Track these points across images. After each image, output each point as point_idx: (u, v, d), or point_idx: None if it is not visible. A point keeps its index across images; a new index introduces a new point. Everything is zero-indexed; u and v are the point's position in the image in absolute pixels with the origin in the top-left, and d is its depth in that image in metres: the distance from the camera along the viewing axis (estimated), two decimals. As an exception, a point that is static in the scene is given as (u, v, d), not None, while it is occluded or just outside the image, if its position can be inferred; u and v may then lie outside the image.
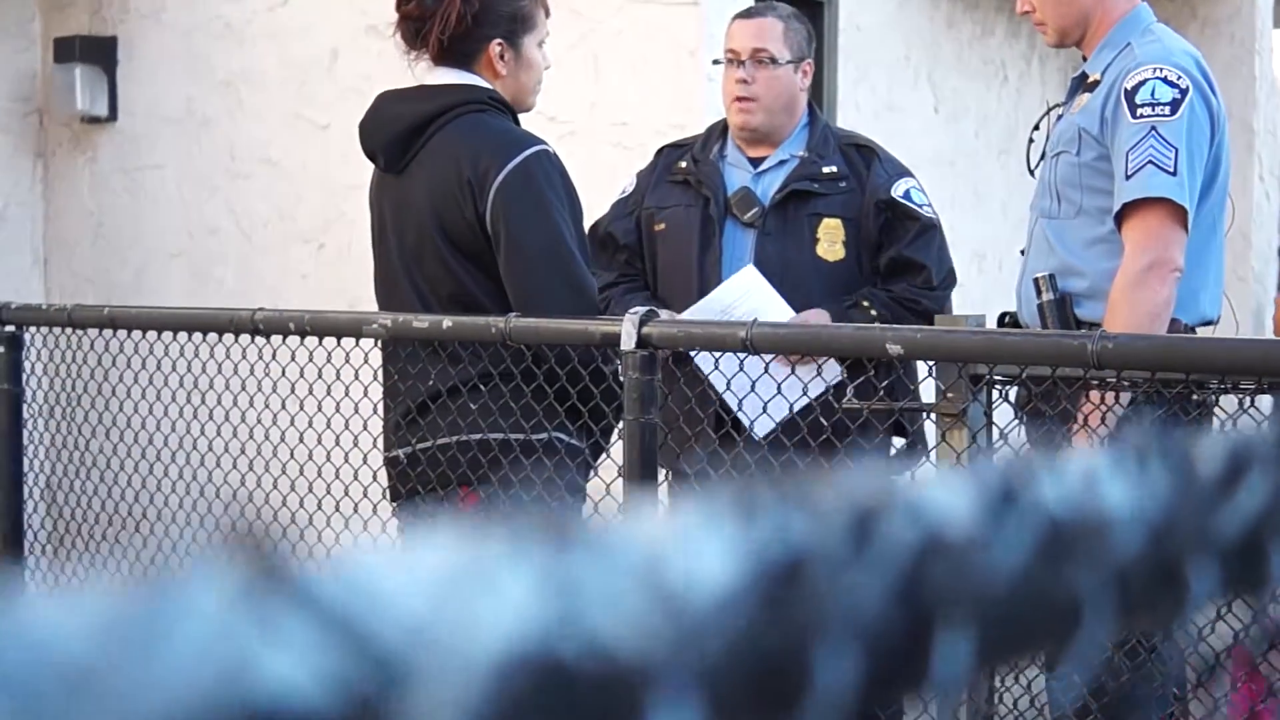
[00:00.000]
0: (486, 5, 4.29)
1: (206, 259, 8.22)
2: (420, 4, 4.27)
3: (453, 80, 4.30)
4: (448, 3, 4.24)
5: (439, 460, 4.17)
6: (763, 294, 4.79)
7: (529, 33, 4.36)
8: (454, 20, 4.24)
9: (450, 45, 4.27)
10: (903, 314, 4.93)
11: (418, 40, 4.30)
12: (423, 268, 4.24)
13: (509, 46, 4.32)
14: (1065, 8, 4.54)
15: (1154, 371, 2.99)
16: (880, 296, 4.95)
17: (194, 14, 8.23)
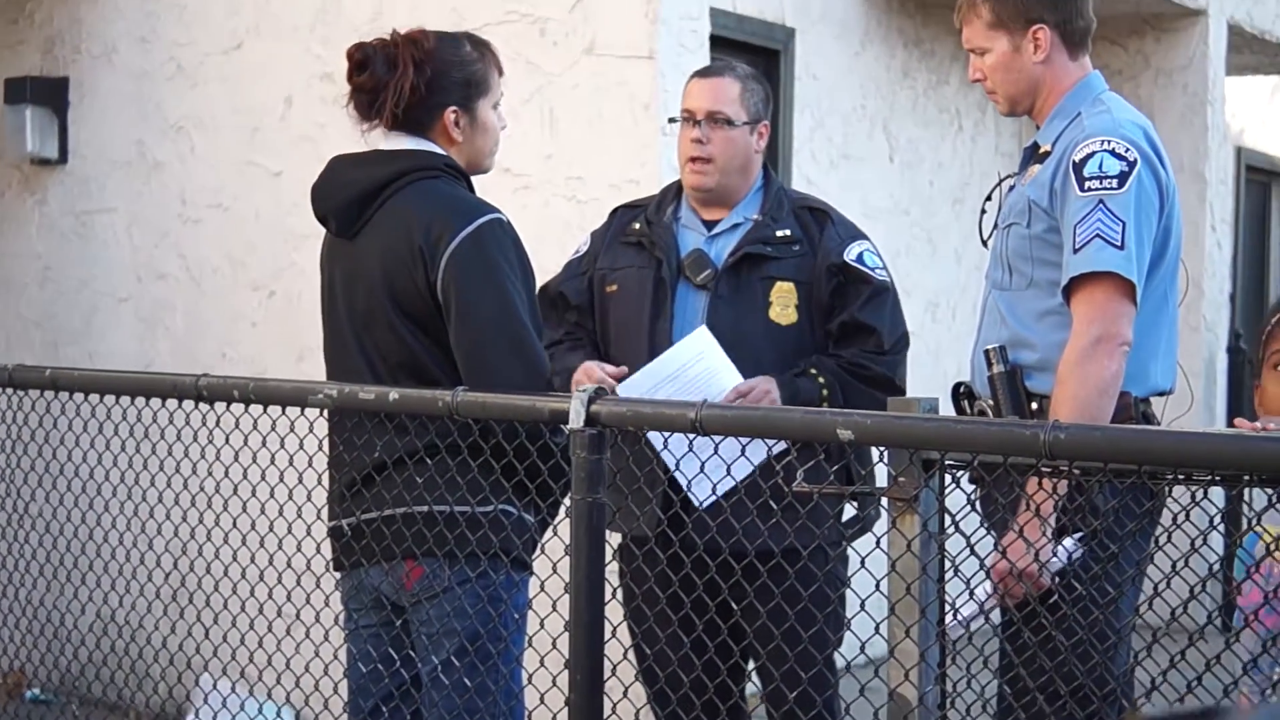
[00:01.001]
0: (439, 73, 4.24)
1: (155, 305, 8.15)
2: (373, 75, 4.22)
3: (407, 146, 4.26)
4: (400, 74, 4.20)
5: (384, 532, 4.12)
6: (714, 357, 4.76)
7: (483, 96, 4.33)
8: (407, 90, 4.20)
9: (405, 115, 4.23)
10: (851, 381, 4.91)
11: (372, 111, 4.26)
12: (372, 333, 4.19)
13: (464, 113, 4.29)
14: (1015, 77, 4.52)
15: (1106, 462, 2.95)
16: (828, 364, 4.92)
17: (146, 56, 8.17)
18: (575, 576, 3.54)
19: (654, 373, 4.74)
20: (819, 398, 4.85)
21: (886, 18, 9.39)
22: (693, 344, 4.79)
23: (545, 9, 6.89)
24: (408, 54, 4.22)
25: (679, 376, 4.71)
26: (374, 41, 4.27)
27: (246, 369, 7.70)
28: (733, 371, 4.77)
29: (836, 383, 4.89)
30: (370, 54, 4.24)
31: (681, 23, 6.70)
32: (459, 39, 4.36)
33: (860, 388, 4.90)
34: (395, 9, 7.27)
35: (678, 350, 4.78)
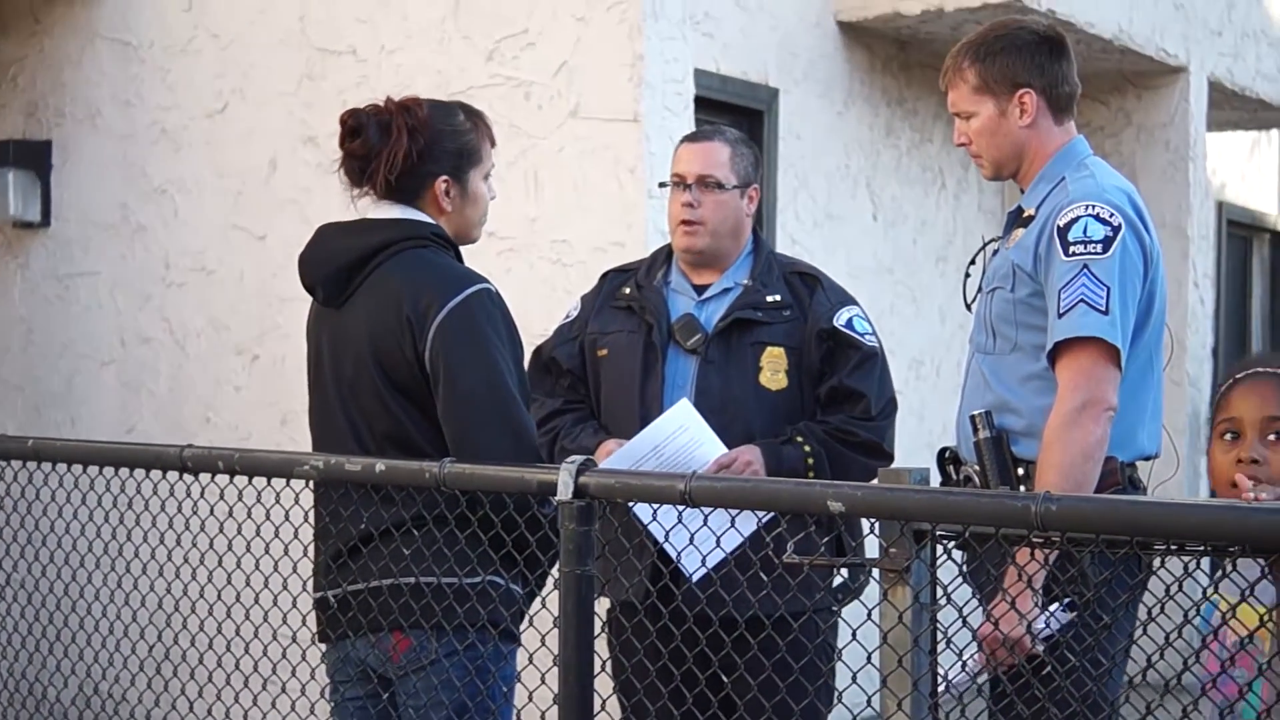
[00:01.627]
0: (432, 142, 4.23)
1: (138, 368, 8.12)
2: (365, 142, 4.20)
3: (395, 215, 4.24)
4: (394, 141, 4.18)
5: (370, 604, 4.08)
6: (697, 429, 4.74)
7: (475, 167, 4.31)
8: (400, 159, 4.18)
9: (396, 183, 4.21)
10: (838, 447, 4.89)
11: (363, 178, 4.24)
12: (359, 403, 4.16)
13: (455, 183, 4.27)
14: (1000, 141, 4.52)
15: (1098, 534, 2.93)
16: (815, 431, 4.90)
17: (130, 120, 8.16)
18: (564, 649, 3.51)
19: (636, 449, 4.72)
20: (804, 465, 4.84)
21: (869, 77, 9.42)
22: (674, 417, 4.77)
23: (530, 73, 6.90)
24: (401, 121, 4.20)
25: (662, 450, 4.70)
26: (367, 108, 4.25)
27: (230, 433, 7.67)
28: (716, 442, 4.75)
29: (823, 449, 4.88)
30: (363, 120, 4.23)
31: (666, 85, 6.71)
32: (453, 108, 4.35)
33: (848, 454, 4.89)
34: (380, 73, 7.27)
35: (660, 424, 4.76)
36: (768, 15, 8.67)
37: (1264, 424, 3.50)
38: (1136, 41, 9.89)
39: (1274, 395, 3.53)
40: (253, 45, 7.77)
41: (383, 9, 7.36)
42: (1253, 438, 3.50)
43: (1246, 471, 3.48)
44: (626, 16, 6.67)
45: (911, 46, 9.62)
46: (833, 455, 4.88)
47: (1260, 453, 3.49)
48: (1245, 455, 3.50)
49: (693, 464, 4.64)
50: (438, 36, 7.17)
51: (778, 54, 8.76)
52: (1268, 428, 3.50)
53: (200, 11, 7.96)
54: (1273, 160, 14.53)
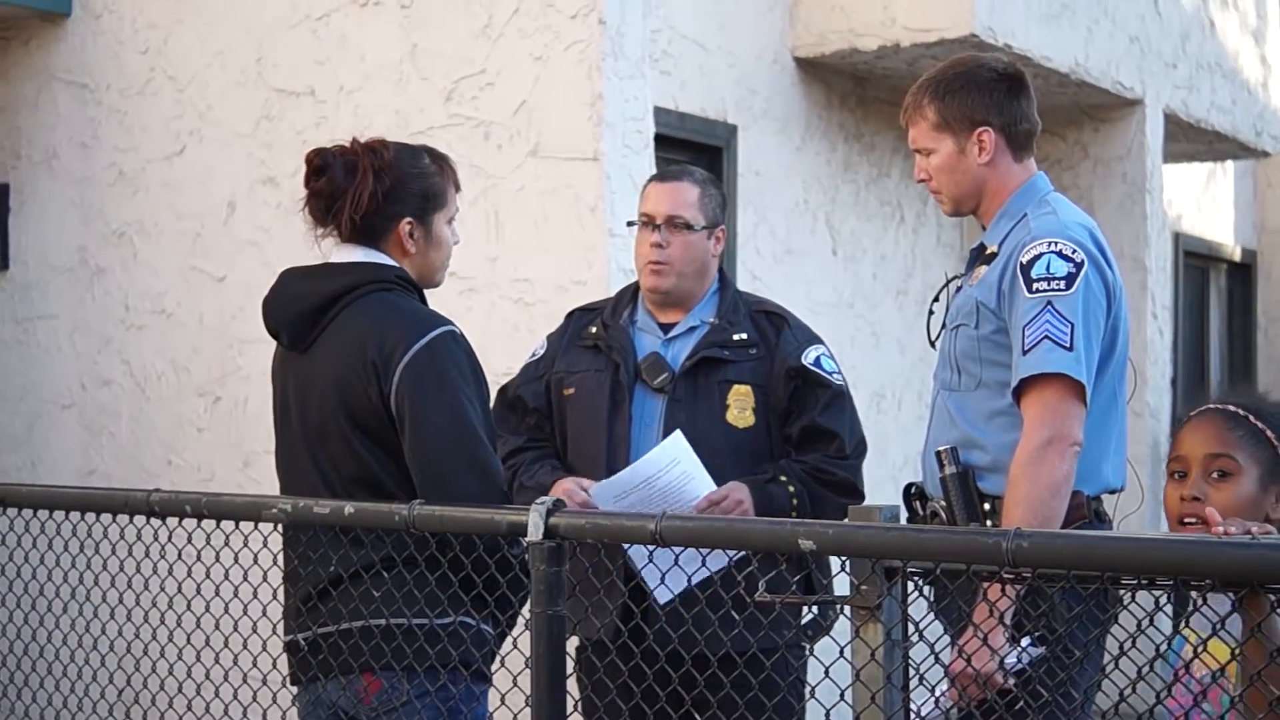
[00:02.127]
0: (398, 184, 4.23)
1: (99, 412, 8.09)
2: (331, 181, 4.21)
3: (358, 258, 4.24)
4: (360, 182, 4.19)
5: (340, 646, 4.08)
6: (688, 463, 4.76)
7: (439, 210, 4.32)
8: (366, 199, 4.18)
9: (361, 223, 4.22)
10: (816, 487, 4.91)
11: (328, 218, 4.24)
12: (326, 446, 4.16)
13: (419, 224, 4.27)
14: (959, 178, 4.54)
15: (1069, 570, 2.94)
16: (795, 470, 4.92)
17: (88, 162, 8.14)
18: (536, 689, 3.51)
19: (627, 479, 4.73)
20: (789, 505, 4.86)
21: (827, 113, 9.46)
22: (668, 450, 4.78)
23: (489, 112, 6.90)
24: (367, 162, 4.21)
25: (653, 482, 4.71)
26: (333, 148, 4.26)
27: (193, 475, 7.65)
28: (706, 478, 4.76)
29: (804, 489, 4.90)
30: (329, 160, 4.23)
31: (626, 124, 6.72)
32: (419, 151, 4.36)
33: (824, 493, 4.91)
34: (339, 114, 7.27)
35: (654, 457, 4.77)
36: (725, 53, 8.70)
37: (1206, 461, 3.54)
38: (1092, 75, 9.95)
39: (1216, 433, 3.57)
40: (210, 86, 7.76)
41: (340, 50, 7.36)
42: (1196, 475, 3.54)
43: (1189, 510, 3.52)
44: (585, 56, 6.69)
45: (868, 82, 9.66)
46: (812, 494, 4.91)
47: (1201, 490, 3.53)
48: (1188, 493, 3.53)
49: (683, 498, 4.67)
50: (396, 77, 7.17)
51: (735, 91, 8.79)
52: (1209, 465, 3.54)
53: (157, 54, 7.94)
54: (1228, 191, 14.64)
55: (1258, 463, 3.54)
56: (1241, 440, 3.55)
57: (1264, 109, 12.38)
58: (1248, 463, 3.53)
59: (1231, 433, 3.57)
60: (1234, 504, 3.50)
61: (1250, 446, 3.54)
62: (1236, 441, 3.55)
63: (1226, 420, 3.59)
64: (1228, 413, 3.61)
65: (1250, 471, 3.53)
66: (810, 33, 9.09)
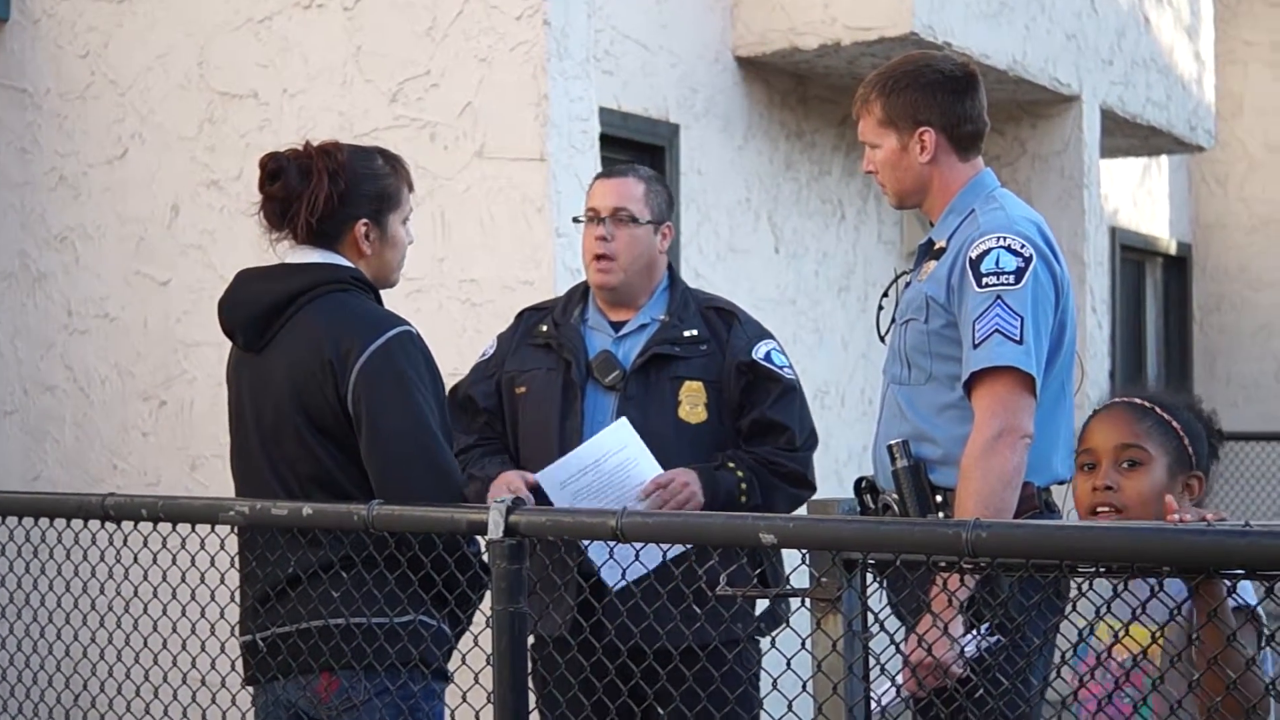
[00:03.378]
0: (352, 185, 4.24)
1: (42, 417, 8.05)
2: (286, 185, 4.21)
3: (314, 259, 4.24)
4: (315, 184, 4.19)
5: (300, 646, 4.08)
6: (634, 449, 4.78)
7: (393, 211, 4.33)
8: (321, 202, 4.19)
9: (317, 226, 4.22)
10: (767, 477, 4.94)
11: (284, 221, 4.25)
12: (282, 447, 4.16)
13: (374, 226, 4.28)
14: (901, 174, 4.59)
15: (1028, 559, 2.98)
16: (745, 458, 4.95)
17: (28, 168, 8.10)
18: (498, 686, 3.52)
19: (572, 463, 4.76)
20: (738, 490, 4.89)
21: (768, 111, 9.50)
22: (614, 435, 4.80)
23: (434, 113, 6.91)
24: (322, 165, 4.22)
25: (599, 467, 4.73)
26: (287, 151, 4.27)
27: (138, 480, 7.62)
28: (653, 463, 4.79)
29: (754, 477, 4.93)
30: (283, 163, 4.24)
31: (571, 124, 6.73)
32: (372, 152, 4.37)
33: (776, 483, 4.94)
34: (283, 116, 7.26)
35: (598, 441, 4.80)
36: (667, 52, 8.73)
37: (1116, 452, 3.61)
38: (1030, 72, 10.03)
39: (1125, 424, 3.64)
40: (152, 90, 7.73)
41: (283, 53, 7.34)
42: (1106, 465, 3.60)
43: (1101, 499, 3.58)
44: (530, 56, 6.70)
45: (809, 80, 9.71)
46: (763, 483, 4.94)
47: (1114, 479, 3.59)
48: (1100, 483, 3.59)
49: (629, 483, 4.69)
50: (340, 79, 7.16)
51: (678, 90, 8.82)
52: (1120, 455, 3.61)
53: (97, 57, 7.91)
54: (1164, 185, 14.76)
55: (1166, 452, 3.62)
56: (1150, 431, 3.63)
57: (1198, 104, 12.49)
58: (1157, 452, 3.61)
59: (1140, 424, 3.65)
60: (1145, 492, 3.58)
61: (1159, 436, 3.63)
62: (1145, 432, 3.63)
63: (1134, 412, 3.68)
64: (1134, 405, 3.71)
65: (1160, 461, 3.61)
66: (751, 32, 9.13)
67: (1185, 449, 3.62)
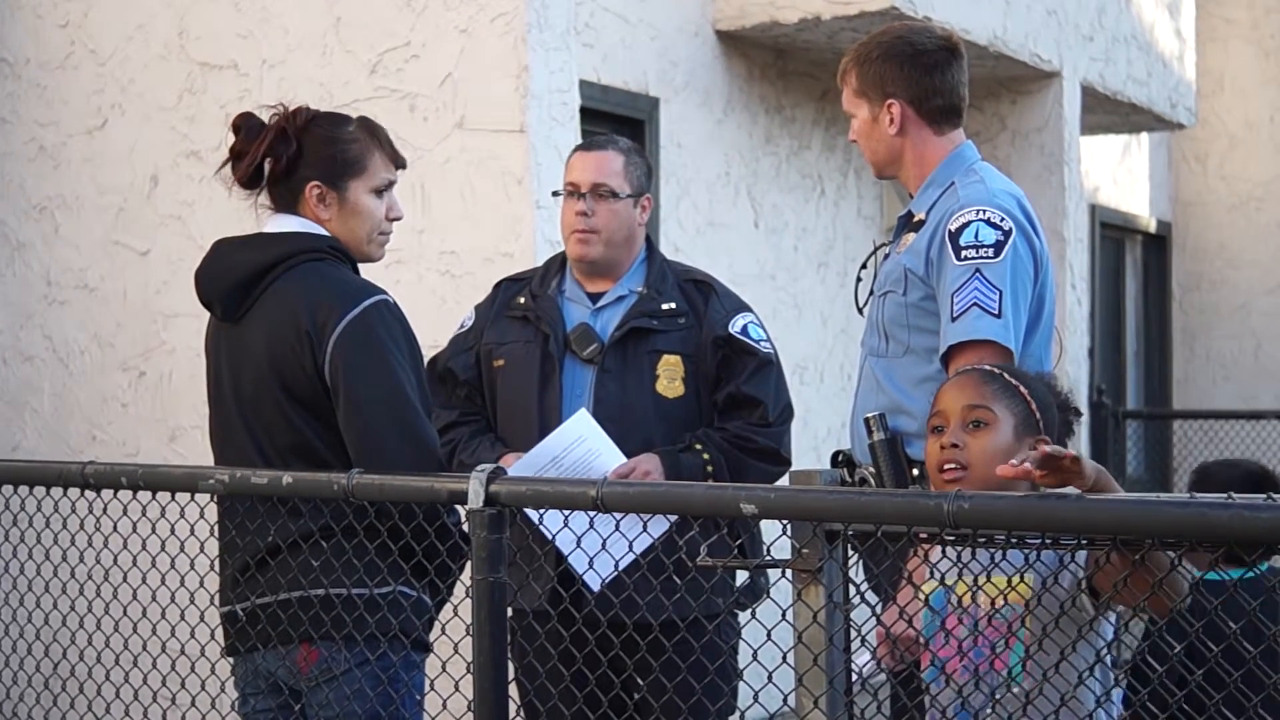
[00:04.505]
0: (307, 147, 4.23)
1: (22, 387, 8.03)
2: (240, 140, 4.24)
3: (291, 229, 4.23)
4: (259, 140, 4.20)
5: (279, 616, 4.07)
6: (595, 439, 4.77)
7: (354, 178, 4.27)
8: (258, 155, 4.20)
9: (272, 186, 4.23)
10: (736, 454, 4.93)
11: (245, 180, 4.26)
12: (261, 417, 4.15)
13: (329, 189, 4.24)
14: (874, 145, 4.62)
15: (1009, 531, 2.99)
16: (714, 438, 4.94)
17: (8, 137, 8.08)
18: (478, 656, 3.52)
19: (535, 459, 4.74)
20: (703, 473, 4.88)
21: (748, 85, 9.49)
22: (573, 428, 4.79)
23: (414, 85, 6.89)
24: (278, 124, 4.22)
25: (561, 460, 4.72)
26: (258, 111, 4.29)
27: (117, 450, 7.61)
28: (615, 452, 4.78)
29: (722, 456, 4.92)
30: (247, 122, 4.27)
31: (552, 96, 6.73)
32: (343, 119, 4.35)
33: (746, 460, 4.94)
34: (262, 87, 7.24)
35: (559, 435, 4.78)
36: (647, 25, 8.72)
37: (964, 412, 3.68)
38: (1010, 47, 10.03)
39: (973, 387, 3.72)
40: (132, 60, 7.70)
41: (263, 24, 7.32)
42: (954, 425, 3.66)
43: (947, 457, 3.63)
44: (511, 28, 6.69)
45: (789, 55, 9.70)
46: (731, 461, 4.93)
47: (960, 438, 3.66)
48: (946, 441, 3.64)
49: (592, 474, 4.67)
50: (320, 49, 7.14)
51: (658, 63, 8.81)
52: (967, 415, 3.68)
53: (77, 27, 7.88)
54: (1144, 163, 14.78)
55: (1012, 414, 3.67)
56: (997, 393, 3.69)
57: (1179, 82, 12.50)
58: (1003, 414, 3.66)
59: (987, 386, 3.71)
60: (990, 451, 3.62)
61: (1005, 399, 3.68)
62: (992, 394, 3.69)
63: (982, 377, 3.75)
64: (983, 371, 3.79)
65: (1006, 422, 3.66)
66: (731, 5, 9.12)
67: (1032, 414, 3.68)
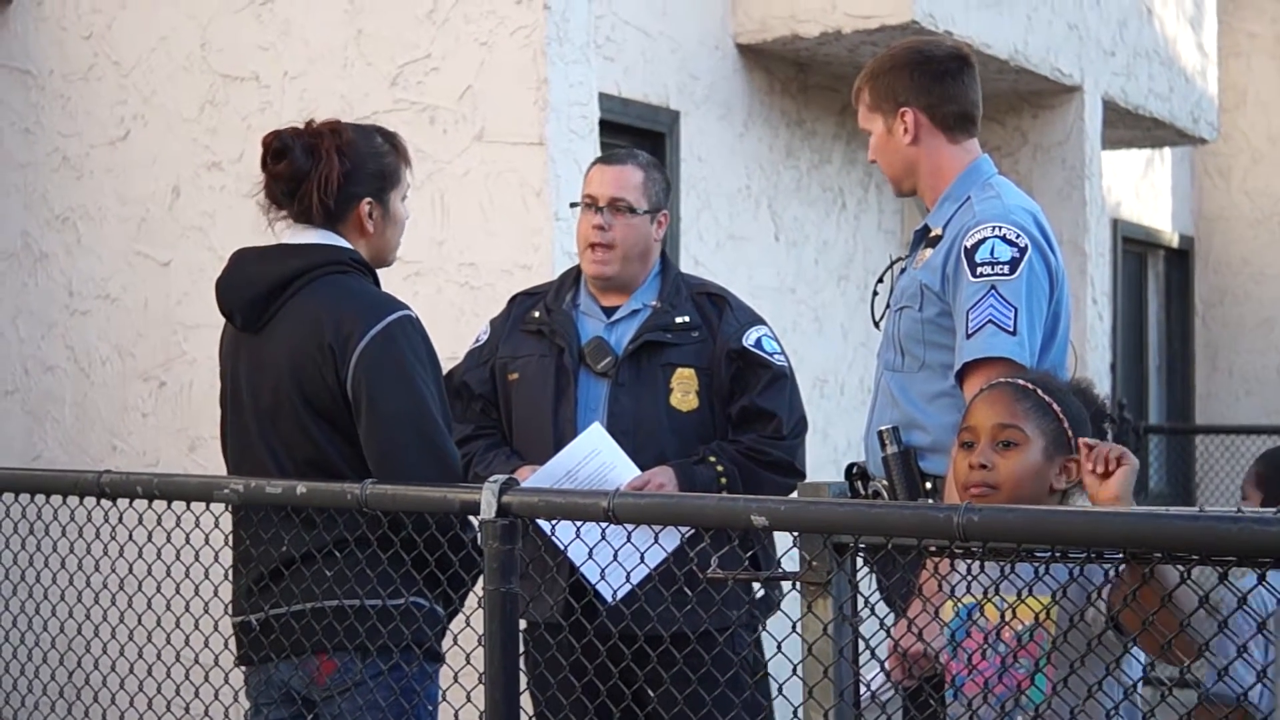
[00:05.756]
0: (358, 164, 4.24)
1: (43, 397, 8.06)
2: (291, 163, 4.19)
3: (314, 240, 4.23)
4: (325, 163, 4.18)
5: (293, 627, 4.08)
6: (609, 453, 4.77)
7: (394, 188, 4.33)
8: (335, 181, 4.18)
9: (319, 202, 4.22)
10: (751, 466, 4.94)
11: (291, 201, 4.23)
12: (278, 429, 4.15)
13: (378, 204, 4.28)
14: (890, 158, 4.62)
15: (1020, 543, 2.99)
16: (728, 451, 4.95)
17: (31, 148, 8.11)
18: (490, 667, 3.53)
19: (550, 473, 4.74)
20: (717, 485, 4.88)
21: (769, 99, 9.50)
22: (587, 441, 4.79)
23: (434, 97, 6.91)
24: (330, 144, 4.21)
25: (576, 474, 4.72)
26: (289, 130, 4.25)
27: (138, 460, 7.63)
28: (629, 465, 4.78)
29: (736, 469, 4.92)
30: (288, 142, 4.22)
31: (571, 109, 6.74)
32: (371, 131, 4.37)
33: (760, 472, 4.94)
34: (284, 99, 7.27)
35: (572, 449, 4.78)
36: (668, 39, 8.73)
37: (994, 431, 3.65)
38: (1032, 62, 10.02)
39: (1005, 405, 3.68)
40: (154, 72, 7.73)
41: (285, 36, 7.34)
42: (984, 444, 3.64)
43: (977, 478, 3.61)
44: (530, 40, 6.70)
45: (810, 68, 9.71)
46: (745, 474, 4.93)
47: (990, 458, 3.63)
48: (976, 460, 3.62)
49: (606, 487, 4.67)
50: (340, 62, 7.17)
51: (678, 77, 8.82)
52: (997, 434, 3.64)
53: (100, 39, 7.91)
54: (1166, 177, 14.76)
55: (1043, 434, 3.64)
56: (1029, 412, 3.66)
57: (1201, 96, 12.49)
58: (1034, 434, 3.64)
59: (1019, 404, 3.68)
60: (1019, 473, 3.62)
61: (1037, 418, 3.65)
62: (1024, 413, 3.66)
63: (1015, 393, 3.71)
64: (1017, 386, 3.74)
65: (1036, 442, 3.64)
66: (752, 19, 9.13)
67: (1064, 431, 3.65)
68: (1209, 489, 14.22)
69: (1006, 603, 3.33)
